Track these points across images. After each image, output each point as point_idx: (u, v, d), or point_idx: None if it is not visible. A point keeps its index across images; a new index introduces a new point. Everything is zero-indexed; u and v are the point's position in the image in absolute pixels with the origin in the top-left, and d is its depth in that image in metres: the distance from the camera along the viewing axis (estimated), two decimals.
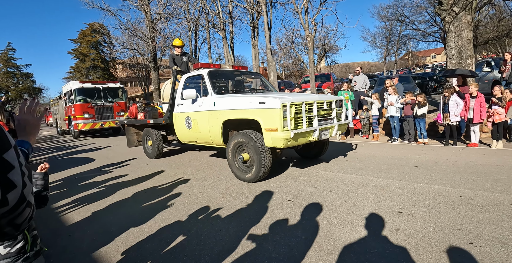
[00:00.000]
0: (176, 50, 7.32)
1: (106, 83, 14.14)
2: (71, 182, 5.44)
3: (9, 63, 44.83)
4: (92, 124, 13.21)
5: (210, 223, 3.09)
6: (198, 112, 5.37)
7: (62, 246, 2.80)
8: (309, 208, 3.31)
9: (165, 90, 7.46)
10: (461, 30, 8.39)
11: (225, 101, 4.83)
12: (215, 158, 6.75)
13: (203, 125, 5.27)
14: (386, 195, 3.55)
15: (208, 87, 5.23)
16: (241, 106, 4.52)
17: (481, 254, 2.17)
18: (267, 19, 13.30)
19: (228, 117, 4.73)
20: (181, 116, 5.84)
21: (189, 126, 5.63)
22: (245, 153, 4.54)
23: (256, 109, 4.28)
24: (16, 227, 0.80)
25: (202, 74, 5.43)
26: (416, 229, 2.63)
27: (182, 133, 5.96)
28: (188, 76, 5.93)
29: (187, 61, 7.34)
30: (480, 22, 22.75)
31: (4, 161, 0.71)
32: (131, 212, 3.59)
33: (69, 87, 13.63)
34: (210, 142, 5.34)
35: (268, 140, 4.17)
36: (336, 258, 2.27)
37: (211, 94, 5.15)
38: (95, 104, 13.36)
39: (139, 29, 19.06)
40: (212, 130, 5.08)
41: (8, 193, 0.71)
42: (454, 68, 8.44)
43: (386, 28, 33.74)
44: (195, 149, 8.26)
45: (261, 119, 4.21)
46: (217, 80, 5.68)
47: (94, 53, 37.37)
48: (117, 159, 7.41)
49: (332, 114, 4.95)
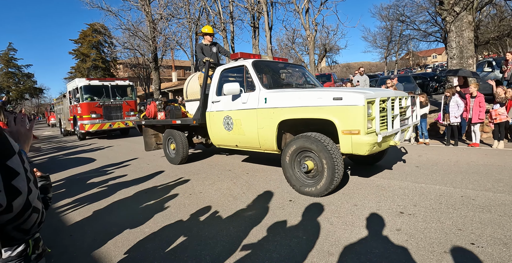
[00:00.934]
0: (205, 39, 6.32)
1: (114, 80, 13.02)
2: (72, 182, 5.44)
3: (10, 63, 44.98)
4: (100, 125, 12.14)
5: (211, 223, 3.09)
6: (242, 110, 4.49)
7: (63, 246, 2.80)
8: (310, 209, 3.30)
9: (189, 86, 6.51)
10: (462, 30, 8.38)
11: (281, 97, 4.02)
12: (215, 158, 6.75)
13: (250, 126, 4.40)
14: (387, 195, 3.54)
15: (255, 80, 4.39)
16: (306, 103, 3.70)
17: (483, 254, 2.16)
18: (267, 19, 13.30)
19: (287, 116, 3.90)
20: (218, 115, 4.93)
21: (229, 128, 4.73)
22: (309, 161, 3.71)
23: (329, 106, 3.47)
24: (26, 232, 0.80)
25: (245, 65, 4.58)
26: (417, 230, 2.62)
27: (219, 135, 5.02)
28: (224, 68, 5.08)
29: (217, 52, 6.37)
30: (481, 22, 22.70)
31: (9, 168, 0.70)
32: (132, 212, 3.59)
33: (75, 85, 12.60)
34: (257, 146, 4.48)
35: (346, 145, 3.37)
36: (337, 258, 2.26)
37: (259, 88, 4.31)
38: (103, 103, 12.28)
39: (139, 29, 19.09)
40: (263, 133, 4.23)
41: (14, 200, 0.71)
42: (455, 68, 8.43)
43: (387, 28, 33.73)
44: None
45: (336, 119, 3.40)
46: (262, 73, 4.80)
47: (95, 53, 37.44)
48: (118, 159, 7.41)
49: (407, 113, 4.30)
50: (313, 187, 3.64)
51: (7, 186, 0.69)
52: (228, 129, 4.78)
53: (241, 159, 6.32)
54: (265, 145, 4.31)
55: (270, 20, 13.96)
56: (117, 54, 26.36)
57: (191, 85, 6.42)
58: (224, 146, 5.22)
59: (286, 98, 3.95)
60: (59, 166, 7.07)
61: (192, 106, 6.23)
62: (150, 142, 7.08)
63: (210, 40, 6.30)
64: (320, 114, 3.57)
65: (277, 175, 4.81)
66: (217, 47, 6.42)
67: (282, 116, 3.95)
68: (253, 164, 5.76)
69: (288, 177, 3.95)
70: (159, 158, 7.20)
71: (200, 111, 5.27)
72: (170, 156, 6.38)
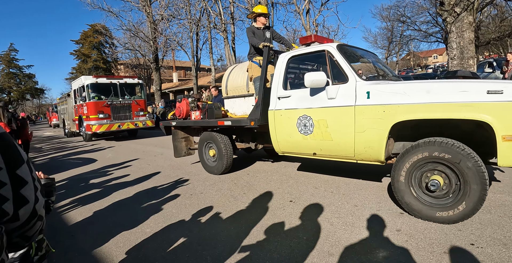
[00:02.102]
0: (258, 21, 5.05)
1: (123, 78, 12.24)
2: (73, 182, 5.46)
3: (12, 63, 45.16)
4: (108, 126, 11.33)
5: (212, 224, 3.10)
6: (328, 108, 3.51)
7: (65, 246, 2.82)
8: (310, 209, 3.31)
9: (230, 79, 5.46)
10: (463, 31, 8.39)
11: (395, 91, 3.03)
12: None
13: (342, 129, 3.41)
14: (387, 196, 3.55)
15: (346, 69, 3.44)
16: (442, 98, 2.79)
17: (483, 255, 2.17)
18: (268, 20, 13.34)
19: (407, 116, 2.92)
20: (288, 114, 3.94)
21: (307, 130, 3.75)
22: (437, 176, 2.84)
23: (481, 102, 2.63)
24: (27, 239, 0.81)
25: (327, 50, 3.62)
26: (417, 230, 2.63)
27: (289, 140, 4.01)
28: (293, 55, 4.06)
29: (271, 38, 5.13)
30: (482, 23, 22.70)
31: (18, 177, 0.71)
32: (132, 212, 3.61)
33: (81, 83, 11.78)
34: (349, 155, 3.47)
35: (508, 156, 2.55)
36: (337, 259, 2.27)
37: (354, 80, 3.34)
38: (111, 102, 11.46)
39: (140, 30, 19.15)
40: (364, 137, 3.24)
41: (20, 209, 0.72)
42: (456, 68, 8.44)
43: (388, 28, 33.77)
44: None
45: (494, 120, 2.55)
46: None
47: (96, 54, 37.55)
48: (119, 160, 7.43)
49: None
50: (450, 211, 2.73)
51: (15, 195, 0.70)
52: (304, 132, 3.79)
53: (242, 160, 6.34)
54: (365, 153, 3.31)
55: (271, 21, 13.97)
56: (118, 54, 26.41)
57: (232, 79, 5.42)
58: (293, 154, 4.20)
59: (405, 92, 2.97)
60: (60, 167, 7.09)
61: (232, 104, 5.45)
62: (180, 146, 5.99)
63: (264, 23, 5.07)
64: (465, 113, 2.67)
65: (278, 176, 4.82)
66: (271, 31, 5.20)
67: (398, 116, 2.96)
68: (254, 165, 5.77)
69: (402, 195, 2.97)
70: (160, 158, 7.22)
71: (259, 109, 4.24)
72: (209, 164, 5.31)
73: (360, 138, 3.28)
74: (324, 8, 12.74)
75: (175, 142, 5.96)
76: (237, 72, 5.37)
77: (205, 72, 44.64)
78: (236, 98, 5.36)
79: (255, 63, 4.76)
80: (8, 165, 0.69)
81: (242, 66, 5.34)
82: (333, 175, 4.67)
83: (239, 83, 5.22)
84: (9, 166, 0.69)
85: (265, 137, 4.63)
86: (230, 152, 4.96)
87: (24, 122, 7.40)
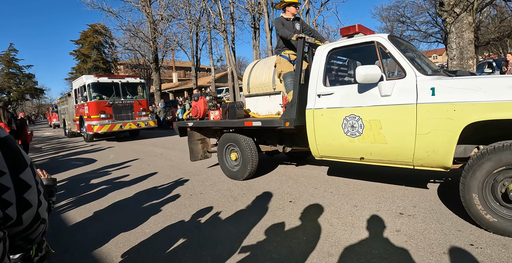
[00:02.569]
0: (288, 12, 4.48)
1: (124, 77, 12.07)
2: (73, 182, 5.46)
3: (11, 64, 45.15)
4: (110, 126, 11.14)
5: (212, 224, 3.10)
6: (383, 107, 3.09)
7: (65, 246, 2.82)
8: (310, 209, 3.31)
9: (253, 76, 4.97)
10: (462, 31, 8.39)
11: (469, 87, 2.61)
12: (216, 159, 6.75)
13: (399, 130, 3.00)
14: (387, 196, 3.55)
15: (402, 62, 3.03)
16: None
17: (482, 255, 2.17)
18: (268, 20, 13.33)
19: (485, 116, 2.49)
20: (331, 114, 3.48)
21: (355, 132, 3.29)
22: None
23: None
24: (30, 241, 0.81)
25: (377, 41, 3.22)
26: (417, 231, 2.63)
27: (332, 143, 3.53)
28: (334, 47, 3.61)
29: (300, 30, 4.56)
30: (482, 23, 22.72)
31: (21, 181, 0.71)
32: (132, 213, 3.61)
33: (82, 82, 11.59)
34: (407, 160, 3.03)
35: None
36: (337, 259, 2.27)
37: (413, 74, 2.93)
38: (113, 102, 11.29)
39: (140, 30, 19.17)
40: (428, 140, 2.81)
41: (23, 213, 0.72)
42: (455, 69, 8.45)
43: (387, 29, 33.73)
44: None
45: None
46: None
47: (95, 54, 37.56)
48: (119, 160, 7.43)
49: None
50: None
51: (19, 199, 0.70)
52: (352, 134, 3.33)
53: None
54: (427, 158, 2.88)
55: (271, 21, 13.99)
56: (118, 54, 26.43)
57: (256, 75, 4.92)
58: (334, 158, 3.72)
59: (481, 88, 2.54)
60: (60, 167, 7.09)
61: (255, 103, 4.93)
62: (196, 149, 5.49)
63: (294, 13, 4.52)
64: None
65: (277, 176, 4.82)
66: (301, 23, 4.64)
67: (473, 115, 2.55)
68: None
69: (474, 209, 2.54)
70: (160, 159, 7.22)
71: (295, 108, 3.78)
72: (230, 169, 4.83)
73: (423, 141, 2.85)
74: (323, 8, 12.77)
75: (191, 144, 5.48)
76: (261, 68, 4.92)
77: (205, 72, 44.63)
78: (260, 97, 4.85)
79: (284, 58, 4.36)
80: (11, 169, 0.69)
81: (267, 61, 4.95)
82: (333, 175, 4.67)
83: (264, 80, 4.83)
84: (13, 170, 0.69)
85: (295, 139, 4.26)
86: (255, 156, 4.49)
87: (24, 122, 7.41)
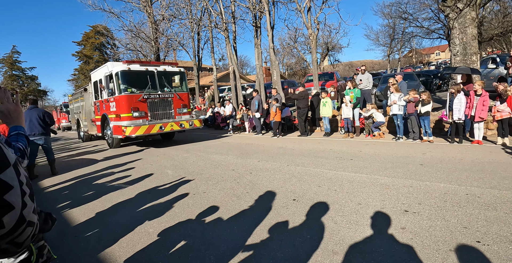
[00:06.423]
0: None
1: (160, 65, 9.39)
2: (76, 183, 5.48)
3: (14, 66, 45.40)
4: (147, 127, 8.33)
5: (215, 223, 3.09)
6: None
7: (68, 247, 2.82)
8: (314, 208, 3.29)
9: None
10: (466, 27, 8.31)
11: None
12: (218, 158, 6.75)
13: None
14: (392, 194, 3.52)
15: None
16: None
17: (489, 252, 2.14)
18: (269, 18, 13.28)
19: None
20: None
21: None
22: None
23: None
24: (18, 245, 0.76)
25: None
26: (422, 228, 2.60)
27: None
28: None
29: None
30: (485, 18, 22.51)
31: (1, 181, 0.67)
32: (135, 213, 3.61)
33: (107, 71, 8.92)
34: None
35: None
36: (342, 257, 2.25)
37: None
38: (148, 96, 8.73)
39: (142, 31, 19.17)
40: None
41: (4, 216, 0.68)
42: (459, 65, 8.37)
43: (390, 25, 33.53)
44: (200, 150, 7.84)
45: None
46: None
47: (98, 55, 37.74)
48: (122, 160, 7.44)
49: None
50: None
51: None
52: None
53: (244, 159, 6.32)
54: None
55: (272, 19, 13.92)
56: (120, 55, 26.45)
57: None
58: None
59: None
60: (63, 168, 7.11)
61: None
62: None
63: None
64: None
65: (281, 175, 4.80)
66: None
67: None
68: (257, 164, 5.75)
69: None
70: (162, 158, 7.23)
71: None
72: None
73: None
74: (325, 6, 12.65)
75: None
76: None
77: (207, 72, 44.62)
78: None
79: None
80: None
81: None
82: (336, 173, 4.64)
83: None
84: None
85: None
86: None
87: None
